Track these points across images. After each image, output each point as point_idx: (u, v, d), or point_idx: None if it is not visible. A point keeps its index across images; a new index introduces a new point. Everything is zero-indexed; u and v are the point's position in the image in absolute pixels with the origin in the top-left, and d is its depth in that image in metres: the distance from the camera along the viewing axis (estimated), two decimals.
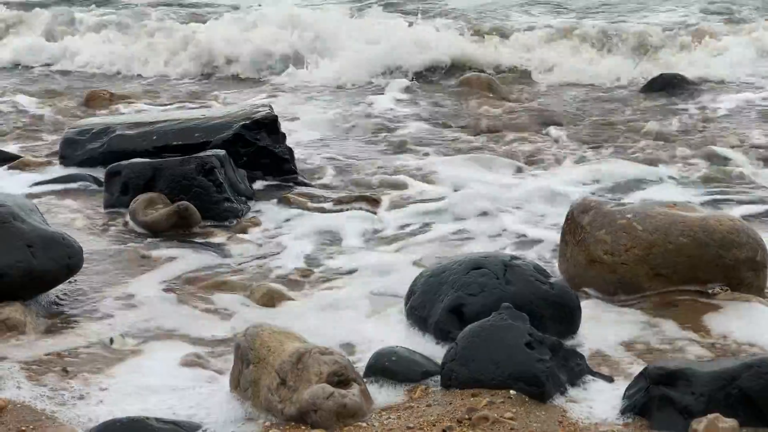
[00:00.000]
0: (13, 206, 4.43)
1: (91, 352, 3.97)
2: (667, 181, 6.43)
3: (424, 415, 3.34)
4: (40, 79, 10.73)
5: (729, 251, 4.37)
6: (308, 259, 5.24)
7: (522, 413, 3.31)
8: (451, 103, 9.04)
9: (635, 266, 4.40)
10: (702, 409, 3.22)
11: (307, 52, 10.79)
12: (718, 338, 4.04)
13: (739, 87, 9.38)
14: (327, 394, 3.28)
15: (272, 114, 6.68)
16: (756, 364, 3.28)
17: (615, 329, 4.15)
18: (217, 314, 4.44)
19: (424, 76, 10.24)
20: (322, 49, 10.77)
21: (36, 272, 4.28)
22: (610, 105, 8.83)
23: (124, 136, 6.66)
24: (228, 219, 5.71)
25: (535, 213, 5.83)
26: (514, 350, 3.49)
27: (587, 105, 8.88)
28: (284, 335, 3.52)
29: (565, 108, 8.71)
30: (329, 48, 10.76)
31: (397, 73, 10.22)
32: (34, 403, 3.50)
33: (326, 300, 4.62)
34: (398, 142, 7.61)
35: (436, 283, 4.09)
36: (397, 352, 3.69)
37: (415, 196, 6.24)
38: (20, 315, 4.12)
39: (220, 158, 5.91)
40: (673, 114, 8.37)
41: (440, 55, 10.47)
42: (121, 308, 4.45)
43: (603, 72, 9.97)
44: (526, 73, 10.26)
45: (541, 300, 3.96)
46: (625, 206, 4.58)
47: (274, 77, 10.48)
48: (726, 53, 10.33)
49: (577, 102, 9.01)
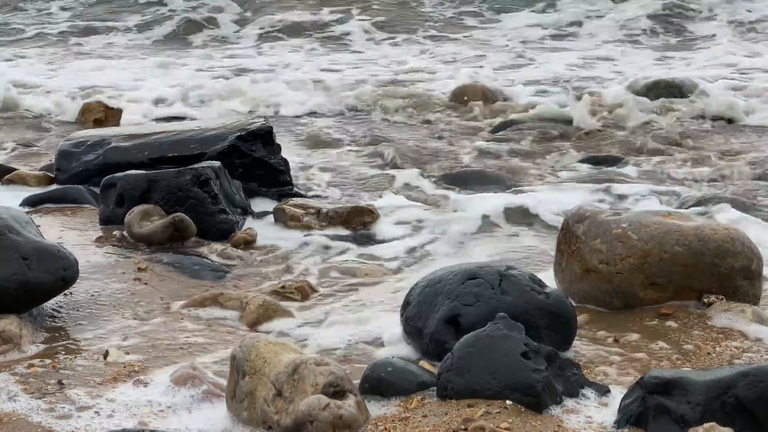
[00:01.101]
0: (8, 218, 4.42)
1: (86, 365, 3.96)
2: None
3: (420, 426, 3.34)
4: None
5: (724, 260, 4.37)
6: (304, 272, 5.24)
7: (518, 423, 3.31)
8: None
9: (630, 275, 4.40)
10: (698, 418, 3.22)
11: None
12: (713, 347, 4.04)
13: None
14: (323, 405, 3.28)
15: (267, 125, 6.68)
16: (752, 373, 3.28)
17: (610, 338, 4.15)
18: (213, 327, 4.43)
19: None
20: None
21: (31, 285, 4.27)
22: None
23: (119, 148, 6.66)
24: (223, 230, 5.71)
25: None
26: (509, 360, 3.49)
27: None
28: (280, 346, 3.52)
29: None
30: None
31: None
32: (30, 416, 3.50)
33: (323, 312, 4.62)
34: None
35: (431, 293, 4.09)
36: (392, 363, 3.69)
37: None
38: (15, 328, 4.12)
39: (215, 170, 5.91)
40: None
41: None
42: (117, 320, 4.45)
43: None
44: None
45: (536, 310, 3.96)
46: (620, 215, 4.59)
47: None
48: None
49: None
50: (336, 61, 11.75)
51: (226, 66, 11.41)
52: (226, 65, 11.49)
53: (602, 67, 11.08)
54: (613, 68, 11.03)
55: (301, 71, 10.90)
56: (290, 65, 11.39)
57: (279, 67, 11.29)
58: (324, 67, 11.30)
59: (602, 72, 10.81)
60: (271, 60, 11.85)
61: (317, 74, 10.64)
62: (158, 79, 10.64)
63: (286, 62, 11.58)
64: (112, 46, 13.09)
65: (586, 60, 11.45)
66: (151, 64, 11.65)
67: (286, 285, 4.84)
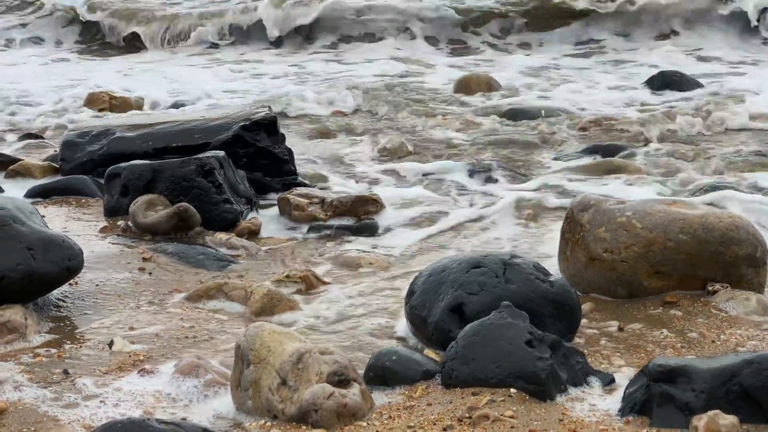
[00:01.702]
0: (12, 209, 4.43)
1: (91, 355, 3.97)
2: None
3: (425, 414, 3.34)
4: None
5: (728, 248, 4.37)
6: (307, 260, 5.24)
7: (522, 411, 3.31)
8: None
9: (635, 264, 4.40)
10: (702, 405, 3.22)
11: None
12: (718, 335, 4.04)
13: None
14: (327, 393, 3.28)
15: (271, 115, 6.68)
16: (756, 361, 3.28)
17: (615, 327, 4.15)
18: (217, 316, 4.44)
19: None
20: None
21: (36, 275, 4.28)
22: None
23: (124, 138, 6.66)
24: (228, 220, 5.71)
25: None
26: (514, 349, 3.49)
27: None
28: (284, 335, 3.52)
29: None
30: None
31: None
32: (36, 405, 3.51)
33: (327, 301, 4.62)
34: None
35: (435, 282, 4.09)
36: (397, 352, 3.70)
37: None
38: (21, 317, 4.13)
39: (219, 159, 5.91)
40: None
41: None
42: (122, 310, 4.46)
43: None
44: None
45: (541, 298, 3.96)
46: (625, 204, 4.58)
47: None
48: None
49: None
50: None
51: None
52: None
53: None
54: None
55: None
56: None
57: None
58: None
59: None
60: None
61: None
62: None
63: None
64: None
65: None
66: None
67: (291, 274, 4.84)
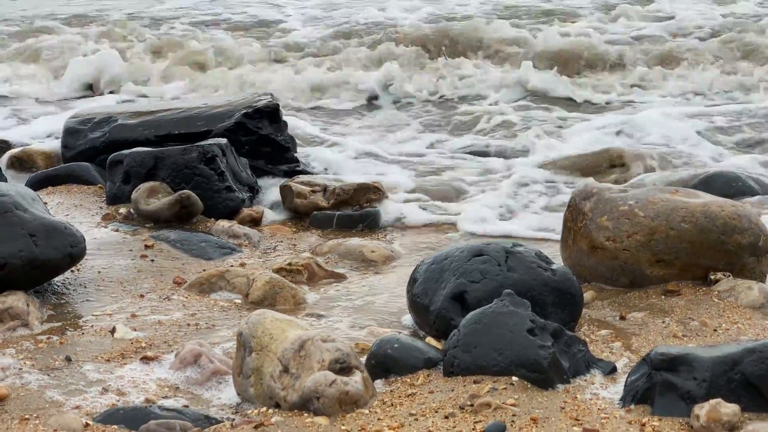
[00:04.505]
0: (15, 195, 4.43)
1: (93, 342, 3.97)
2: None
3: (427, 402, 3.34)
4: None
5: (731, 237, 4.37)
6: (309, 248, 5.25)
7: (524, 399, 3.32)
8: None
9: (637, 252, 4.40)
10: (704, 394, 3.22)
11: None
12: (719, 323, 4.04)
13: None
14: (329, 381, 3.28)
15: (274, 102, 6.67)
16: (758, 349, 3.28)
17: (617, 315, 4.15)
18: (219, 304, 4.44)
19: None
20: None
21: (38, 261, 4.28)
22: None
23: (126, 126, 6.66)
24: (230, 208, 5.71)
25: None
26: (516, 337, 3.49)
27: None
28: (286, 322, 3.52)
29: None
30: None
31: None
32: (38, 392, 3.51)
33: (329, 289, 4.63)
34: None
35: (437, 270, 4.09)
36: (399, 340, 3.70)
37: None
38: (23, 304, 4.13)
39: (221, 147, 5.91)
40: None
41: None
42: (124, 297, 4.46)
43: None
44: None
45: (543, 286, 3.96)
46: (627, 192, 4.58)
47: None
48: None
49: None
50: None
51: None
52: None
53: None
54: None
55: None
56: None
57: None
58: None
59: None
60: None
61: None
62: None
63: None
64: None
65: None
66: None
67: (293, 262, 4.84)
